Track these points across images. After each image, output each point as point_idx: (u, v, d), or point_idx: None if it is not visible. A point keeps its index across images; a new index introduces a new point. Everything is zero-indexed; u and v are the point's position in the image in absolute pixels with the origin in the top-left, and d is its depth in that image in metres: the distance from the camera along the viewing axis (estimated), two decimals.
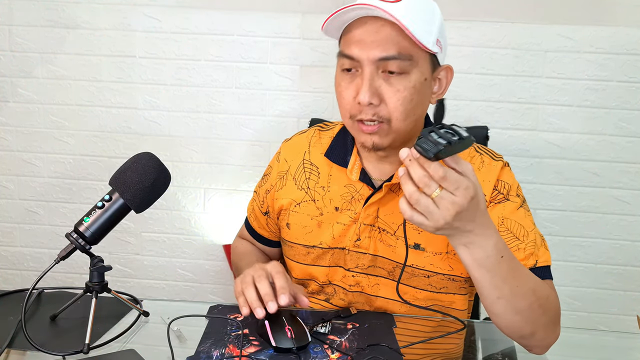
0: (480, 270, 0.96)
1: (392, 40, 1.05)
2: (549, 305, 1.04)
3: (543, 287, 1.04)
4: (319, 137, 1.28)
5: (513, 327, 1.03)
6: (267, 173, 1.34)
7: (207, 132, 2.29)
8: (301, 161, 1.27)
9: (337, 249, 1.20)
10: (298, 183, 1.25)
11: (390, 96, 1.07)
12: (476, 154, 1.18)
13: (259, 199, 1.34)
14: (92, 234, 1.04)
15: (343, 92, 1.10)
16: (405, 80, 1.07)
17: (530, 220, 1.14)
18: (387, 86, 1.07)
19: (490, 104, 2.17)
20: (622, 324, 2.22)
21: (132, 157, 1.09)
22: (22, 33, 2.26)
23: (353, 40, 1.08)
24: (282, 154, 1.31)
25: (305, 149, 1.28)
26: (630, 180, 2.17)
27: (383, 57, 1.05)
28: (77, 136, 2.32)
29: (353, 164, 1.19)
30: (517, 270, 0.99)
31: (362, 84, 1.07)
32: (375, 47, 1.05)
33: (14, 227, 2.41)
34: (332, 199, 1.21)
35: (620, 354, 1.17)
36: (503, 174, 1.16)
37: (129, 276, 2.41)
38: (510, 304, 0.99)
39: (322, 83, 2.21)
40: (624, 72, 2.10)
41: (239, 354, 0.97)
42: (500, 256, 0.95)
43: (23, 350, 0.99)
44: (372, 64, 1.06)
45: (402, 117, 1.08)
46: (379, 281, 1.19)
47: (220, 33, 2.21)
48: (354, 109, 1.09)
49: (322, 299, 1.24)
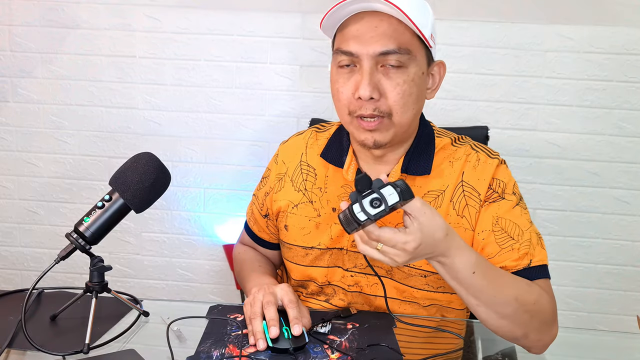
0: (453, 282, 1.00)
1: (392, 35, 1.05)
2: (537, 308, 1.03)
3: (529, 292, 1.03)
4: (316, 139, 1.28)
5: (502, 330, 1.04)
6: (265, 176, 1.34)
7: (207, 132, 2.29)
8: (298, 163, 1.26)
9: (336, 249, 1.20)
10: (295, 185, 1.25)
11: (390, 90, 1.07)
12: (472, 152, 1.18)
13: (258, 202, 1.34)
14: (92, 234, 1.04)
15: (341, 88, 1.10)
16: (404, 74, 1.07)
17: (527, 218, 1.13)
18: (386, 80, 1.07)
19: (490, 104, 2.17)
20: (622, 324, 2.22)
21: (132, 157, 1.09)
22: (22, 33, 2.26)
23: (350, 35, 1.07)
24: (280, 155, 1.31)
25: (302, 151, 1.27)
26: (630, 180, 2.17)
27: (383, 51, 1.05)
28: (77, 136, 2.32)
29: (349, 164, 1.19)
30: (494, 282, 1.00)
31: (361, 80, 1.06)
32: (375, 41, 1.05)
33: (14, 227, 2.41)
34: (330, 200, 1.21)
35: (620, 354, 1.17)
36: (499, 171, 1.16)
37: (129, 276, 2.41)
38: (491, 310, 1.01)
39: (322, 83, 2.21)
40: (623, 72, 2.10)
41: (239, 354, 0.98)
42: (472, 272, 0.97)
43: (23, 350, 0.99)
44: (372, 58, 1.06)
45: (402, 111, 1.08)
46: (377, 280, 1.19)
47: (220, 33, 2.21)
48: (352, 105, 1.09)
49: (322, 300, 1.24)
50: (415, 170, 1.15)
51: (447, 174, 1.15)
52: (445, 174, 1.15)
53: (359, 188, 0.89)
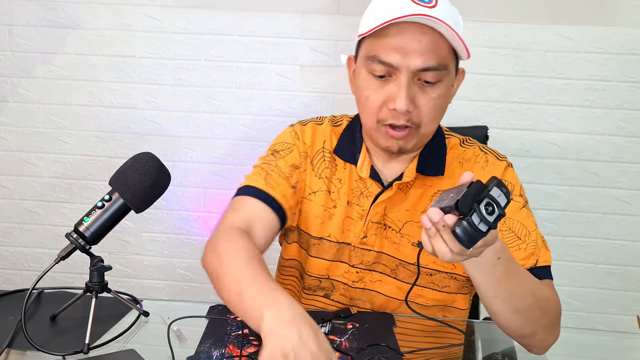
0: (474, 270, 0.97)
1: (433, 50, 1.05)
2: (548, 306, 1.04)
3: (543, 289, 1.04)
4: (333, 131, 1.25)
5: (512, 327, 1.03)
6: (284, 148, 1.22)
7: (207, 132, 2.28)
8: (321, 149, 1.23)
9: (344, 244, 1.20)
10: (316, 171, 1.22)
11: (424, 104, 1.08)
12: (481, 153, 1.20)
13: (280, 171, 1.19)
14: (92, 234, 1.04)
15: (372, 96, 1.09)
16: (439, 89, 1.08)
17: (533, 221, 1.14)
18: (421, 94, 1.07)
19: (490, 104, 2.16)
20: (622, 324, 2.22)
21: (132, 157, 1.09)
22: (22, 33, 2.26)
23: (392, 46, 1.05)
24: (300, 134, 1.23)
25: (325, 138, 1.24)
26: (630, 180, 2.17)
27: (424, 67, 1.05)
28: (77, 136, 2.32)
29: (362, 162, 1.19)
30: (514, 273, 0.99)
31: (398, 92, 1.06)
32: (418, 56, 1.04)
33: (14, 227, 2.41)
34: (346, 193, 1.21)
35: (620, 354, 1.17)
36: (507, 174, 1.18)
37: (129, 276, 2.41)
38: (507, 303, 0.99)
39: (322, 83, 2.21)
40: (624, 72, 2.10)
41: (239, 354, 0.98)
42: (497, 258, 0.95)
43: (23, 350, 1.00)
44: (411, 72, 1.05)
45: (431, 122, 1.10)
46: (381, 278, 1.19)
47: (220, 33, 2.21)
48: (383, 114, 1.09)
49: (321, 295, 1.24)
50: (430, 170, 1.17)
51: (458, 175, 1.15)
52: (456, 175, 1.16)
53: (465, 195, 0.79)
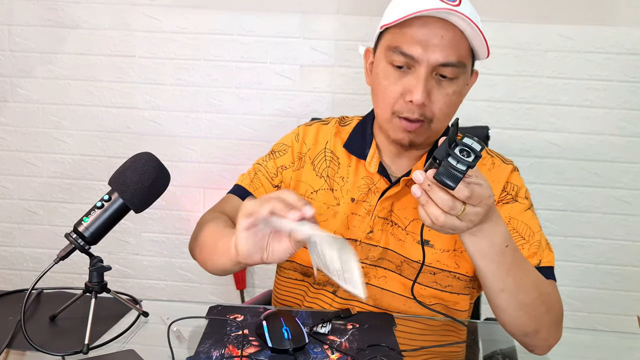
0: (484, 259, 0.96)
1: (454, 46, 1.06)
2: (552, 302, 1.04)
3: (546, 284, 1.04)
4: (340, 131, 1.28)
5: (517, 324, 1.03)
6: (279, 149, 1.29)
7: (207, 132, 2.28)
8: (322, 149, 1.26)
9: (350, 240, 1.20)
10: (317, 170, 1.25)
11: (439, 99, 1.08)
12: (487, 156, 1.21)
13: (267, 172, 1.27)
14: (92, 234, 1.04)
15: (390, 87, 1.10)
16: (455, 85, 1.09)
17: (537, 223, 1.15)
18: (437, 88, 1.08)
19: (491, 104, 2.16)
20: (622, 324, 2.22)
21: (132, 157, 1.09)
22: (22, 33, 2.26)
23: (415, 39, 1.06)
24: (302, 136, 1.28)
25: (327, 139, 1.27)
26: (630, 180, 2.17)
27: (444, 62, 1.06)
28: (76, 136, 2.32)
29: (372, 157, 1.20)
30: (520, 263, 0.99)
31: (416, 84, 1.06)
32: (439, 51, 1.05)
33: (13, 227, 2.41)
34: (350, 190, 1.22)
35: (620, 354, 1.17)
36: (512, 177, 1.19)
37: (129, 276, 2.41)
38: (513, 297, 0.99)
39: (322, 83, 2.21)
40: (624, 72, 2.10)
41: (239, 354, 0.97)
42: (505, 245, 0.95)
43: (22, 350, 0.99)
44: (431, 66, 1.06)
45: (443, 119, 1.11)
46: (386, 274, 1.19)
47: (220, 33, 2.21)
48: (399, 106, 1.09)
49: (330, 291, 1.24)
50: None
51: None
52: None
53: (442, 147, 0.84)
